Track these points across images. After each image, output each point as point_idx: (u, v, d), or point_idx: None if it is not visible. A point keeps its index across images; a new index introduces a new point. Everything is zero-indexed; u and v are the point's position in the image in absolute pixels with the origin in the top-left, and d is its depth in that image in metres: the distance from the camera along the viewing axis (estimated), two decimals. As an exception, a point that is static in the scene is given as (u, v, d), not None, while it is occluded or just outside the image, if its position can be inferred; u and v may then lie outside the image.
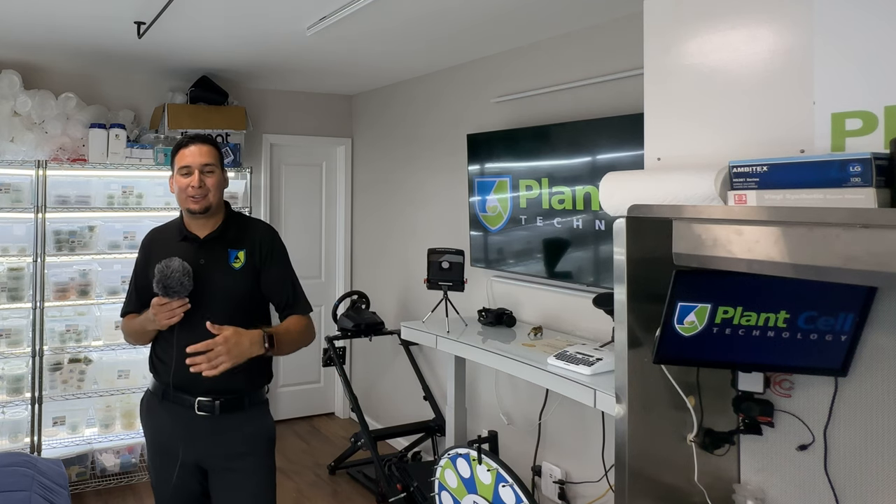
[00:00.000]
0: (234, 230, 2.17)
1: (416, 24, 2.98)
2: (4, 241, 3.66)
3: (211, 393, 2.06)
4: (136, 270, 2.26)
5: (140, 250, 2.27)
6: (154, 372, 2.19)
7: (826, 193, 1.15)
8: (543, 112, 3.18)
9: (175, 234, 2.19)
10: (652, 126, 1.64)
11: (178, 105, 4.11)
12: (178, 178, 2.14)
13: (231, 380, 2.03)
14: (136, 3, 2.74)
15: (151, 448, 2.20)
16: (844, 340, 1.42)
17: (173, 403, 2.10)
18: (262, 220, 2.21)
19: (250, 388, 2.12)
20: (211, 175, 2.11)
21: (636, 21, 2.05)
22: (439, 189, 3.97)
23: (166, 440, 2.12)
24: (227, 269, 2.11)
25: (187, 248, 2.12)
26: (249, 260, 2.13)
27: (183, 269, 1.99)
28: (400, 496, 3.27)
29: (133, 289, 2.26)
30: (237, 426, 2.09)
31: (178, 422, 2.09)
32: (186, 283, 1.99)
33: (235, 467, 2.08)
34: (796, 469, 1.54)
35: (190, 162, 2.10)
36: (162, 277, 1.98)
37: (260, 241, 2.17)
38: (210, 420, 2.07)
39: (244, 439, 2.09)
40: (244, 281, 2.12)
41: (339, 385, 4.85)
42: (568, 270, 2.94)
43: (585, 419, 2.89)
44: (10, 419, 3.67)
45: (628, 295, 1.48)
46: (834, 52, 1.29)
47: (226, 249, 2.13)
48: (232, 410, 2.08)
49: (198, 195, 2.08)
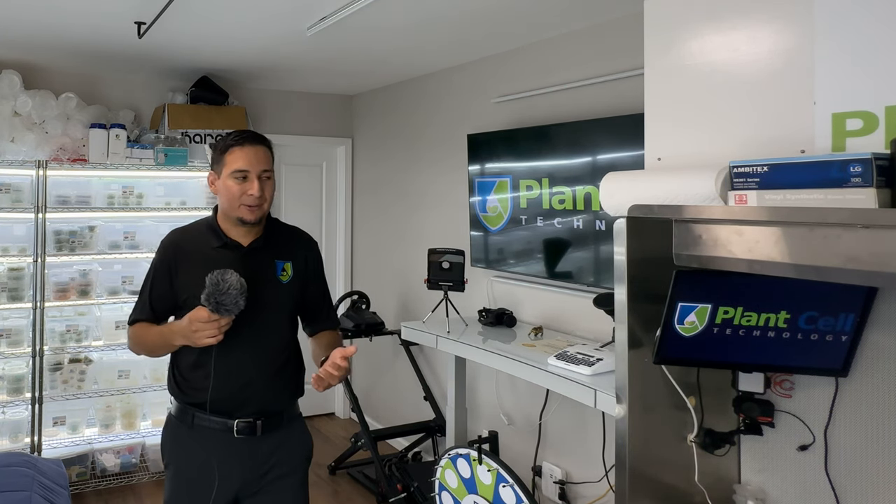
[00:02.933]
0: (279, 239, 1.98)
1: (416, 24, 2.98)
2: (5, 241, 3.67)
3: (252, 414, 1.88)
4: (154, 275, 1.97)
5: (161, 254, 1.97)
6: (179, 393, 1.94)
7: (826, 194, 1.15)
8: (544, 112, 3.18)
9: (209, 239, 1.93)
10: (652, 126, 1.64)
11: (179, 105, 4.11)
12: (229, 181, 1.87)
13: (274, 397, 1.92)
14: (137, 3, 2.74)
15: (178, 480, 1.94)
16: (845, 341, 1.42)
17: (206, 428, 1.89)
18: (299, 227, 2.12)
19: (289, 402, 2.00)
20: (269, 182, 1.91)
21: (636, 21, 2.05)
22: (440, 189, 3.97)
23: (198, 471, 1.89)
24: (276, 283, 1.93)
25: (229, 257, 1.88)
26: (297, 273, 1.97)
27: (241, 287, 1.76)
28: (400, 496, 3.27)
29: (148, 296, 1.97)
30: (277, 445, 1.94)
31: (213, 449, 1.88)
32: (241, 303, 1.77)
33: (271, 490, 1.93)
34: (797, 469, 1.54)
35: (247, 166, 1.86)
36: (215, 292, 1.73)
37: (307, 252, 2.02)
38: (249, 443, 1.89)
39: (285, 458, 1.95)
40: (291, 295, 1.96)
41: (340, 385, 4.85)
42: (568, 270, 2.94)
43: (586, 419, 2.89)
44: (10, 419, 3.68)
45: (629, 295, 1.48)
46: (834, 52, 1.29)
47: (273, 260, 1.94)
48: (272, 430, 1.92)
49: (256, 204, 1.86)
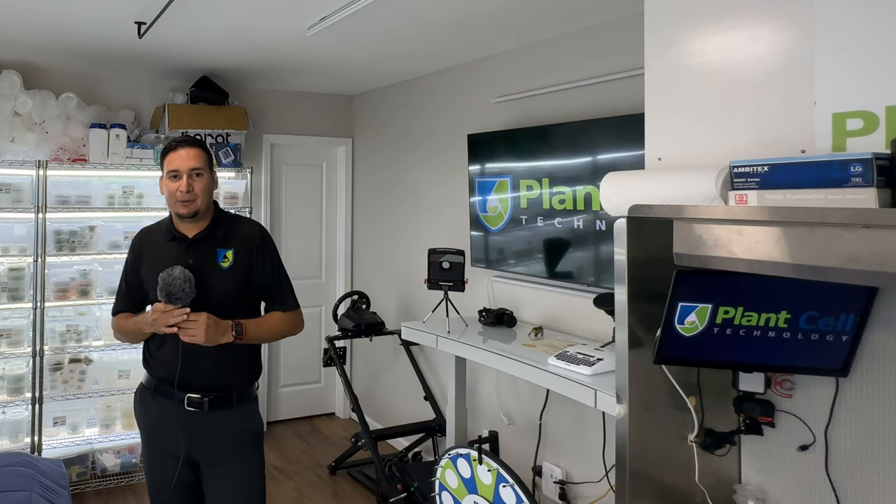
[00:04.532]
0: (222, 230, 2.19)
1: (417, 24, 2.98)
2: (5, 241, 3.67)
3: (201, 390, 2.12)
4: (126, 269, 2.29)
5: (130, 250, 2.30)
6: (147, 367, 2.24)
7: (827, 193, 1.15)
8: (544, 112, 3.18)
9: (164, 234, 2.21)
10: (653, 126, 1.64)
11: (179, 105, 4.11)
12: (166, 181, 2.16)
13: (223, 377, 2.13)
14: (137, 3, 2.74)
15: (145, 437, 2.26)
16: (845, 340, 1.42)
17: (164, 398, 2.15)
18: (252, 218, 2.28)
19: (240, 384, 2.18)
20: (199, 179, 2.13)
21: (636, 21, 2.05)
22: (440, 189, 3.97)
23: (157, 431, 2.19)
24: (216, 269, 2.13)
25: (176, 249, 2.15)
26: (238, 259, 2.16)
27: (185, 277, 2.03)
28: (400, 496, 3.27)
29: (124, 288, 2.28)
30: (225, 423, 2.14)
31: (168, 415, 2.14)
32: (188, 291, 2.03)
33: (224, 460, 2.14)
34: (797, 469, 1.54)
35: (178, 166, 2.12)
36: (164, 286, 2.02)
37: (249, 240, 2.19)
38: (198, 416, 2.12)
39: (232, 435, 2.14)
40: (233, 280, 2.15)
41: (340, 385, 4.85)
42: (569, 270, 2.94)
43: (586, 419, 2.89)
44: (10, 419, 3.67)
45: (629, 295, 1.48)
46: (835, 52, 1.29)
47: (214, 249, 2.15)
48: (221, 407, 2.13)
49: (186, 199, 2.11)
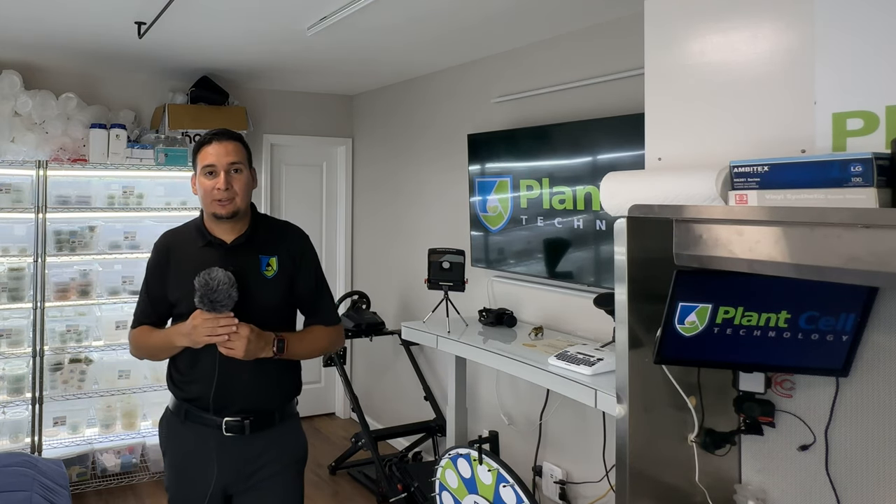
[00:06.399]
0: (263, 234, 1.98)
1: (417, 24, 2.98)
2: (5, 241, 3.67)
3: (241, 413, 1.91)
4: (149, 278, 2.02)
5: (154, 256, 2.02)
6: (175, 388, 1.99)
7: (827, 193, 1.15)
8: (544, 112, 3.18)
9: (196, 239, 1.96)
10: (653, 126, 1.64)
11: (179, 105, 4.11)
12: (201, 178, 1.92)
13: (263, 397, 1.93)
14: (137, 3, 2.74)
15: (174, 472, 2.01)
16: (846, 340, 1.42)
17: (198, 424, 1.93)
18: (292, 222, 2.12)
19: (281, 402, 2.00)
20: (238, 175, 1.90)
21: (637, 21, 2.05)
22: (440, 189, 3.97)
23: (192, 465, 1.94)
24: (260, 278, 1.92)
25: (213, 255, 1.91)
26: (282, 267, 1.96)
27: (229, 280, 1.79)
28: (401, 496, 3.27)
29: (146, 299, 2.01)
30: (267, 445, 1.96)
31: (203, 443, 1.92)
32: (234, 295, 1.79)
33: (262, 486, 1.95)
34: (797, 469, 1.54)
35: (214, 161, 1.88)
36: (207, 291, 1.78)
37: (293, 247, 2.00)
38: (238, 441, 1.92)
39: (275, 458, 1.96)
40: (278, 290, 1.95)
41: (340, 385, 4.85)
42: (569, 270, 2.94)
43: (586, 419, 2.89)
44: (10, 419, 3.68)
45: (629, 295, 1.48)
46: (835, 52, 1.29)
47: (256, 256, 1.94)
48: (262, 429, 1.94)
49: (225, 198, 1.87)
